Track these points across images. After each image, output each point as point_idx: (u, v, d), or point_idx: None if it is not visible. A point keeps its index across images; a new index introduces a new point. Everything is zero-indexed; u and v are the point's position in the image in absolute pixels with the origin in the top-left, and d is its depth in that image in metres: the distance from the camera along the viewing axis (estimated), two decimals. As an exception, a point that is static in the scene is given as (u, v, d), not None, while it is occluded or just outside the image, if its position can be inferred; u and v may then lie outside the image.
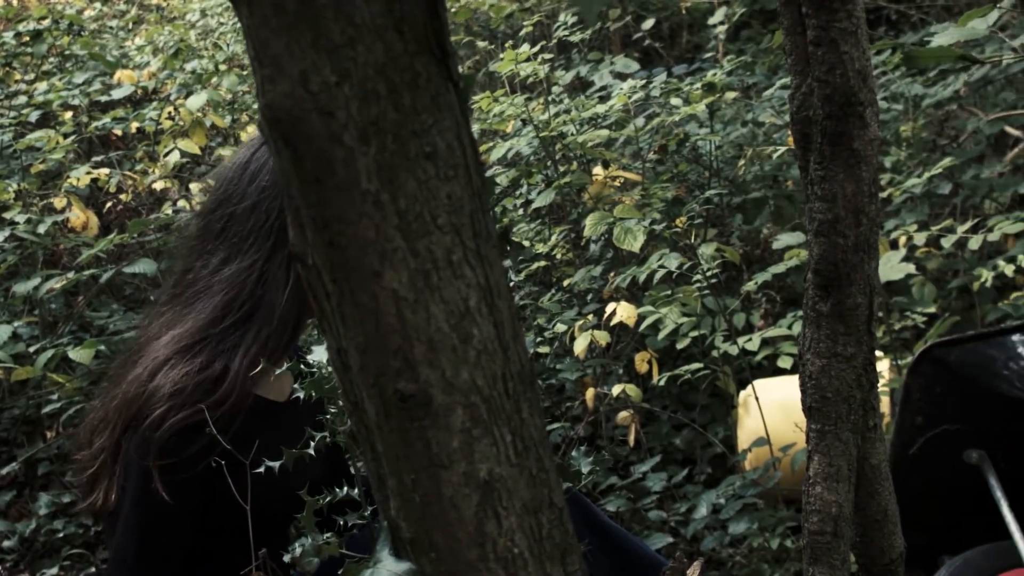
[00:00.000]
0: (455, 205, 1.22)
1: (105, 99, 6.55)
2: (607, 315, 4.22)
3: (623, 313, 4.16)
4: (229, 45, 7.36)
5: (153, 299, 3.21)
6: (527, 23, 6.64)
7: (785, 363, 4.10)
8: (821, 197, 1.69)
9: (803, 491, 1.82)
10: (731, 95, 5.54)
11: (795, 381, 1.86)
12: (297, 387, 1.77)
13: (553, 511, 1.35)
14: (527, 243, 5.26)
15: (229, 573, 2.19)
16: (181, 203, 5.94)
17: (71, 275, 5.04)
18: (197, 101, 5.93)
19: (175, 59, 6.87)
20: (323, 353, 1.70)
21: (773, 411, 3.99)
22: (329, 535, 1.69)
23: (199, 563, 2.37)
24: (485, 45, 7.38)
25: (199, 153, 6.13)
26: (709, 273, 4.26)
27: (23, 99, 6.42)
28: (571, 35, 6.25)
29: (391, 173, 1.18)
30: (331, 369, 1.56)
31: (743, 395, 4.22)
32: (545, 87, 5.98)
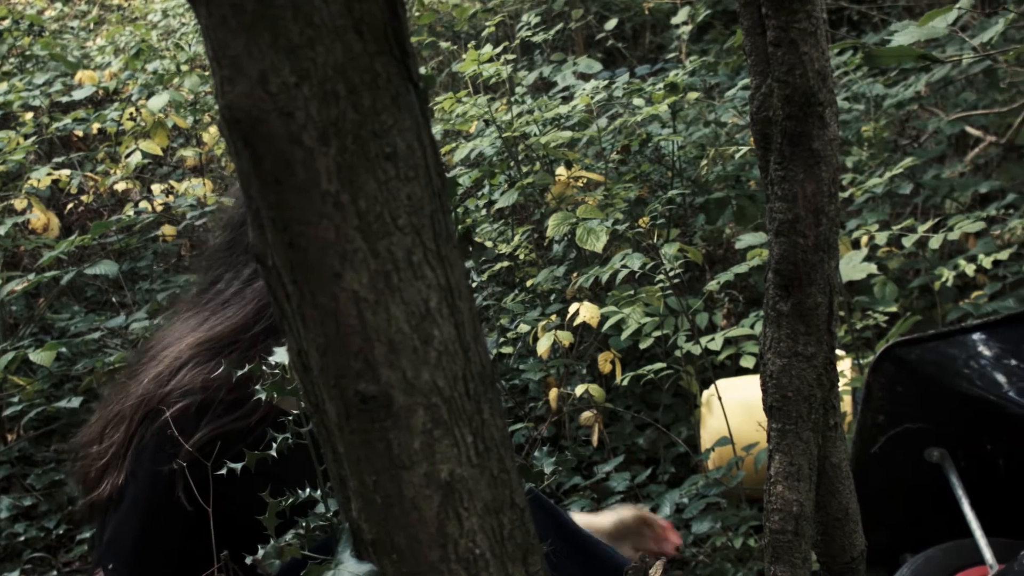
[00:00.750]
0: (415, 206, 1.22)
1: (66, 100, 6.53)
2: (570, 315, 4.23)
3: (586, 313, 4.17)
4: (191, 45, 7.34)
5: (167, 304, 3.18)
6: (490, 23, 6.64)
7: (748, 362, 4.12)
8: (781, 197, 1.69)
9: (764, 490, 1.82)
10: (694, 95, 5.56)
11: (758, 380, 1.87)
12: (259, 389, 1.76)
13: (515, 511, 1.35)
14: (490, 244, 5.27)
15: None
16: (143, 204, 5.92)
17: (32, 277, 5.01)
18: (159, 102, 5.91)
19: (136, 60, 6.84)
20: (285, 355, 1.69)
21: (736, 410, 4.00)
22: (292, 536, 1.68)
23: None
24: (448, 46, 7.37)
25: (161, 154, 6.12)
26: (672, 273, 4.27)
27: (-17, 100, 6.39)
28: (534, 36, 6.26)
29: (351, 174, 1.17)
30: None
31: (706, 395, 4.24)
32: (508, 88, 5.98)
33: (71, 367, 5.06)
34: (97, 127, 6.22)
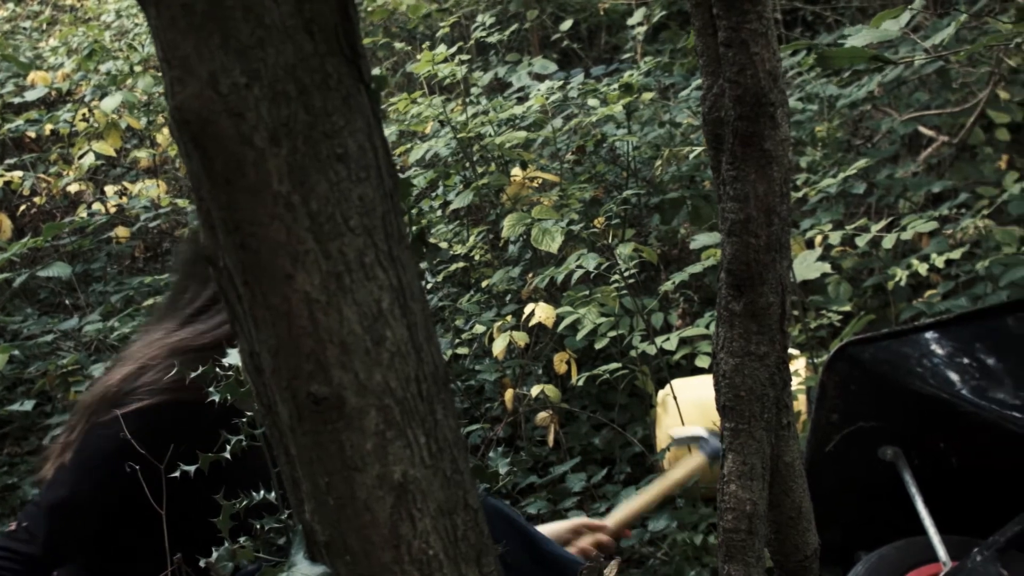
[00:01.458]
0: (367, 207, 1.21)
1: (18, 101, 6.48)
2: (526, 316, 4.23)
3: (542, 314, 4.17)
4: (144, 46, 7.29)
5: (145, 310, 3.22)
6: (445, 24, 6.64)
7: (703, 362, 4.13)
8: (733, 197, 1.70)
9: (718, 489, 1.83)
10: (648, 96, 5.57)
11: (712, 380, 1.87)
12: (212, 390, 1.76)
13: (468, 512, 1.35)
14: (445, 244, 5.26)
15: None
16: (96, 206, 5.88)
17: (-17, 279, 4.98)
18: (112, 103, 5.87)
19: (89, 60, 6.79)
20: (238, 357, 1.69)
21: (691, 410, 4.00)
22: (245, 539, 1.67)
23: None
24: (403, 46, 7.36)
25: (114, 155, 6.08)
26: (627, 273, 4.28)
27: (-66, 101, 6.34)
28: (489, 36, 6.25)
29: (302, 175, 1.17)
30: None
31: (661, 394, 4.24)
32: (463, 88, 5.97)
33: (24, 370, 5.02)
34: (50, 128, 6.18)
